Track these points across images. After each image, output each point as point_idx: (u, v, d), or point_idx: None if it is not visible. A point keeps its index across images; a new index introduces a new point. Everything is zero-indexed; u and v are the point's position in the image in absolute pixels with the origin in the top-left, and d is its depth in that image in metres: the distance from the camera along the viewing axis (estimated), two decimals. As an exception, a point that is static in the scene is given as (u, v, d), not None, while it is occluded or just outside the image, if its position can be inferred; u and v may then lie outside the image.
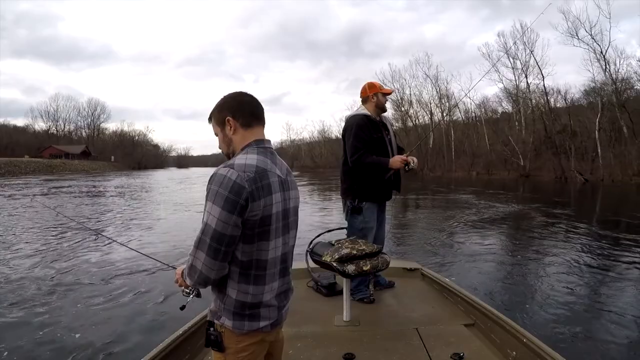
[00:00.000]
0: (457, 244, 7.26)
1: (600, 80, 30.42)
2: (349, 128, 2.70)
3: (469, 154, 39.69)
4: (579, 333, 3.41)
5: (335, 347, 1.98)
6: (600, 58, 29.65)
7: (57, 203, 14.13)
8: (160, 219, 10.53)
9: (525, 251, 6.71)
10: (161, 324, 3.50)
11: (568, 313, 3.87)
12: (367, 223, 2.67)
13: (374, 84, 2.81)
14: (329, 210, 11.98)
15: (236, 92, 1.21)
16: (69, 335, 3.34)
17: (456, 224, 9.49)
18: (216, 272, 1.06)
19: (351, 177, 2.69)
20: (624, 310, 3.93)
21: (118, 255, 5.99)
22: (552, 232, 8.42)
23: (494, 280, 5.00)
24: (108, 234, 8.10)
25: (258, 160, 1.09)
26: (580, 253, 6.38)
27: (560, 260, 5.89)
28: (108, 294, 4.39)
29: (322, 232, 2.63)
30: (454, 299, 2.50)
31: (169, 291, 4.22)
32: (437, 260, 5.99)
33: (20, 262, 5.77)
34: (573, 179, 28.06)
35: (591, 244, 7.15)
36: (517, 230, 9.17)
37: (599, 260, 5.94)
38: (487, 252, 6.49)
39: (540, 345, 1.73)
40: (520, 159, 33.74)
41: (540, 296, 4.37)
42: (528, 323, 3.45)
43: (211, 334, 1.12)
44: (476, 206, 13.02)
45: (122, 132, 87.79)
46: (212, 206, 1.03)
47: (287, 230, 1.16)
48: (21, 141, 65.10)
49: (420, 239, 7.73)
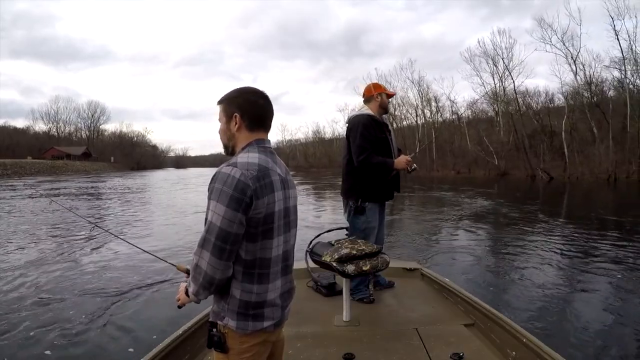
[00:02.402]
0: (423, 234, 7.75)
1: (570, 84, 31.15)
2: (354, 127, 2.56)
3: (449, 154, 40.03)
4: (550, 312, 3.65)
5: (335, 347, 1.89)
6: (571, 62, 30.24)
7: (74, 204, 13.66)
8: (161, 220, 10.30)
9: (471, 236, 7.57)
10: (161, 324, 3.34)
11: (531, 291, 4.25)
12: (369, 223, 2.56)
13: (379, 84, 2.71)
14: (324, 209, 11.88)
15: (253, 89, 1.14)
16: (64, 333, 3.18)
17: (422, 216, 10.30)
18: (221, 271, 1.00)
19: (355, 177, 2.57)
20: (590, 288, 4.34)
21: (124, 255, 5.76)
22: (499, 223, 9.33)
23: (462, 266, 5.44)
24: (126, 233, 7.78)
25: (260, 159, 1.05)
26: (520, 237, 7.40)
27: (502, 245, 6.76)
28: (107, 291, 4.21)
29: (322, 232, 2.51)
30: (454, 299, 2.41)
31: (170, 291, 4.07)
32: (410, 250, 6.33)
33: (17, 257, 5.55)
34: (539, 177, 28.89)
35: (533, 231, 8.12)
36: (466, 219, 9.86)
37: (539, 244, 6.66)
38: (450, 240, 7.21)
39: (540, 345, 1.65)
40: (494, 159, 34.33)
41: (500, 274, 4.96)
42: (484, 293, 3.85)
43: (214, 334, 1.05)
44: (446, 201, 14.22)
45: (121, 133, 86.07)
46: (216, 205, 0.98)
47: (288, 229, 1.12)
48: (22, 142, 63.66)
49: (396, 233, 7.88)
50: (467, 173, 35.98)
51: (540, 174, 29.19)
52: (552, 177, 28.19)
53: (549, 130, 31.76)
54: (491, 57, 35.26)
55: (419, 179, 26.74)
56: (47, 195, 14.88)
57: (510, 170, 32.61)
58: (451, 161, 39.17)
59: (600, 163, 26.52)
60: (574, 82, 30.75)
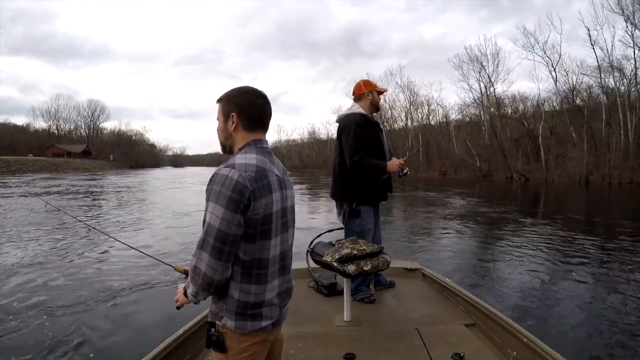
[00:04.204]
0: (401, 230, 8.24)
1: (551, 90, 31.63)
2: (346, 127, 2.37)
3: (436, 156, 40.33)
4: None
5: (336, 347, 1.82)
6: (552, 70, 30.66)
7: (76, 204, 13.18)
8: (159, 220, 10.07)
9: (442, 231, 8.18)
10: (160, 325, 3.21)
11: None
12: (365, 225, 2.42)
13: (369, 81, 2.52)
14: (320, 209, 11.81)
15: (251, 89, 1.10)
16: (61, 335, 3.04)
17: (404, 215, 10.92)
18: (220, 273, 0.97)
19: (347, 179, 2.40)
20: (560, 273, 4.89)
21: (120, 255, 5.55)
22: (468, 220, 9.88)
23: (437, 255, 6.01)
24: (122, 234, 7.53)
25: (257, 159, 1.02)
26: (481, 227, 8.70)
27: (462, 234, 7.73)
28: (104, 292, 4.05)
29: (323, 232, 2.42)
30: (455, 299, 2.33)
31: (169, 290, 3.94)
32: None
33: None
34: (516, 179, 29.55)
35: (494, 224, 9.16)
36: (440, 217, 10.37)
37: (501, 236, 7.61)
38: (424, 235, 7.79)
39: (540, 345, 1.59)
40: (476, 161, 34.73)
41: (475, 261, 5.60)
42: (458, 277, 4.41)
43: (212, 334, 1.03)
44: (425, 200, 15.16)
45: (120, 132, 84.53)
46: (214, 206, 0.95)
47: (286, 229, 1.09)
48: (22, 140, 62.22)
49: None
50: (452, 174, 36.30)
51: (515, 176, 29.78)
52: (527, 179, 28.72)
53: (533, 134, 32.19)
54: (479, 62, 35.49)
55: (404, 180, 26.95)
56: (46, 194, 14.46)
57: (493, 172, 33.06)
58: (438, 163, 39.45)
59: (574, 166, 27.09)
60: (554, 88, 31.31)
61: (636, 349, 2.87)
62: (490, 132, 35.76)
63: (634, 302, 3.82)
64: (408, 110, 46.40)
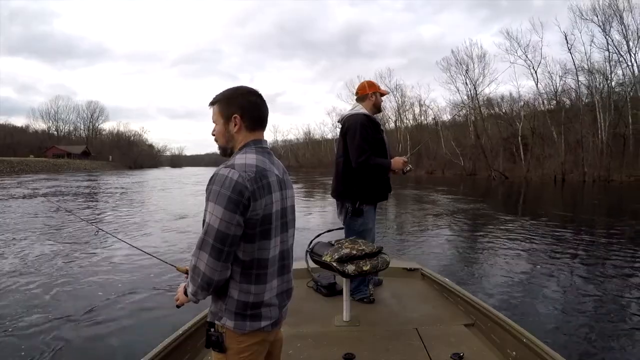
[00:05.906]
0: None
1: (531, 92, 32.11)
2: (351, 127, 2.30)
3: (425, 156, 40.55)
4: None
5: (336, 347, 1.75)
6: (533, 73, 31.01)
7: (77, 203, 12.87)
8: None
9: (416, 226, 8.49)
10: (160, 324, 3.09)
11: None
12: (366, 225, 2.34)
13: (374, 83, 2.46)
14: (316, 208, 11.68)
15: (248, 89, 1.06)
16: (61, 334, 2.92)
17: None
18: (219, 273, 0.93)
19: (352, 179, 2.32)
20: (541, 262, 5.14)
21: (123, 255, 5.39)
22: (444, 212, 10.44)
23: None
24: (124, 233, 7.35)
25: (257, 160, 0.98)
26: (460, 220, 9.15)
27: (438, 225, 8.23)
28: (105, 291, 3.92)
29: (322, 232, 2.34)
30: (454, 299, 2.26)
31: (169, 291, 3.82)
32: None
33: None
34: (495, 177, 30.15)
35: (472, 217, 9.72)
36: (418, 212, 10.83)
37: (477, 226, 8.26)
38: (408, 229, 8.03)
39: (540, 345, 1.53)
40: (460, 160, 34.97)
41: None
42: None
43: (212, 334, 0.99)
44: (408, 197, 15.31)
45: (119, 133, 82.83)
46: (214, 206, 0.92)
47: (286, 229, 1.05)
48: (22, 141, 60.97)
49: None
50: (440, 174, 36.55)
51: (493, 175, 30.42)
52: (506, 177, 29.30)
53: (517, 134, 32.63)
54: (464, 65, 35.73)
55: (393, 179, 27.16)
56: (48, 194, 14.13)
57: (477, 172, 33.42)
58: (427, 163, 39.67)
59: (551, 165, 27.62)
60: (535, 90, 31.73)
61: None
62: (475, 132, 36.14)
63: (599, 284, 4.10)
64: (397, 111, 46.62)
